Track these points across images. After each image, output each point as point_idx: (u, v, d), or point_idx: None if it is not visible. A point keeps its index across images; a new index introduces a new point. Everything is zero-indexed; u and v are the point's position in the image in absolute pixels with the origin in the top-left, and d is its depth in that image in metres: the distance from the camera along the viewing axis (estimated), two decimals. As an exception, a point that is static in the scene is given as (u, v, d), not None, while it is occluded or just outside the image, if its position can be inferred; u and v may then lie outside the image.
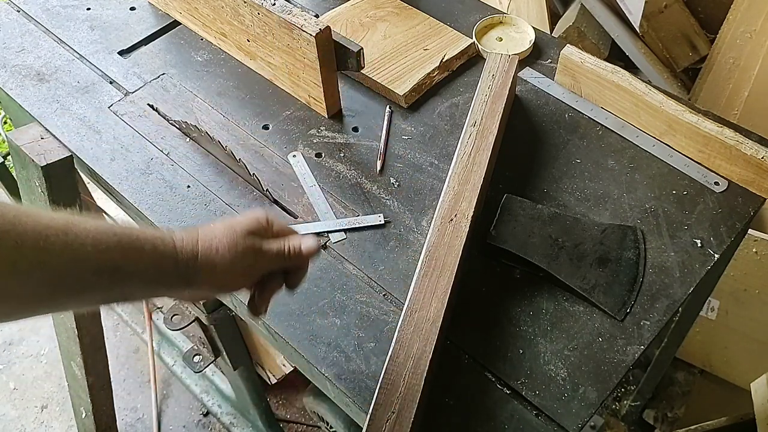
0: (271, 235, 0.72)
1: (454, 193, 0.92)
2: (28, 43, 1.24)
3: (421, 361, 0.77)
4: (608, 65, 1.06)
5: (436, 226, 0.88)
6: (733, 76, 1.62)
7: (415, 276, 0.84)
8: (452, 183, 0.93)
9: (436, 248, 0.86)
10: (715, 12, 1.70)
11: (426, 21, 1.23)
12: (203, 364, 1.46)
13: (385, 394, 0.75)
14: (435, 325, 0.79)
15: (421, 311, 0.81)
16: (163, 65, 1.20)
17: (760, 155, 0.94)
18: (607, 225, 0.94)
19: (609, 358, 0.83)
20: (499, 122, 0.99)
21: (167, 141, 1.08)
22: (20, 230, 0.55)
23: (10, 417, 1.89)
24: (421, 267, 0.85)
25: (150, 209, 1.00)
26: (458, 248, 0.86)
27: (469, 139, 0.98)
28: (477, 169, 0.94)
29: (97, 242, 0.59)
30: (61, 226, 0.58)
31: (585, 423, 0.79)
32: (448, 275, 0.83)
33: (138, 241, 0.63)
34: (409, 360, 0.77)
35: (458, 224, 0.88)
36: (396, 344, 0.79)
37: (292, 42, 1.03)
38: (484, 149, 0.96)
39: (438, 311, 0.80)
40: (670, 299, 0.88)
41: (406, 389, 0.75)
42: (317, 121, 1.11)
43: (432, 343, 0.78)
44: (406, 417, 0.73)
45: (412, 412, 0.73)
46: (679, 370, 1.73)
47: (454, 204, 0.90)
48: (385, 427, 0.73)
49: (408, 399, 0.74)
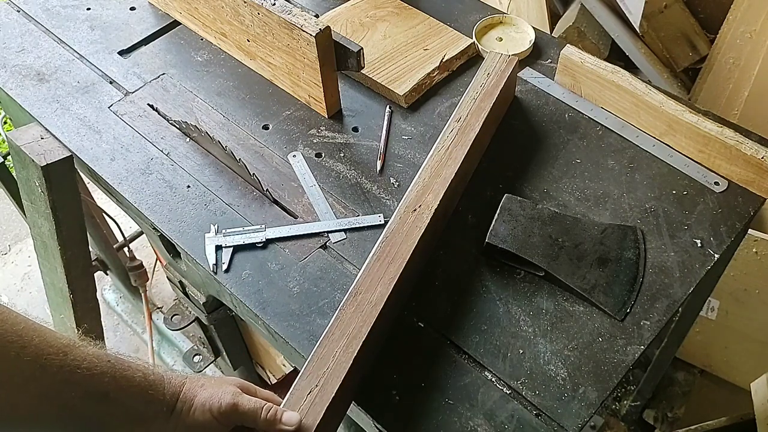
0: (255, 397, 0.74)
1: (423, 185, 0.92)
2: (28, 43, 1.24)
3: (354, 341, 0.78)
4: (608, 65, 1.06)
5: (398, 215, 0.89)
6: (733, 76, 1.62)
7: (367, 260, 0.85)
8: (423, 174, 0.94)
9: (393, 236, 0.87)
10: (715, 12, 1.70)
11: (426, 21, 1.23)
12: (203, 364, 1.47)
13: (314, 366, 0.77)
14: (376, 308, 0.81)
15: (365, 293, 0.82)
16: (163, 65, 1.20)
17: (760, 155, 0.94)
18: (607, 225, 0.94)
19: (609, 358, 0.83)
20: (485, 121, 0.99)
21: (167, 141, 1.08)
22: (24, 344, 0.59)
23: (10, 417, 1.89)
24: (375, 252, 0.86)
25: (150, 209, 1.00)
26: (415, 238, 0.86)
27: (450, 133, 0.98)
28: (451, 163, 0.94)
29: (92, 366, 0.63)
30: (62, 346, 0.62)
31: (585, 423, 0.79)
32: (399, 263, 0.84)
33: (130, 369, 0.66)
34: (344, 338, 0.78)
35: (420, 215, 0.89)
36: (334, 321, 0.80)
37: (292, 42, 1.03)
38: (463, 145, 0.96)
39: (382, 296, 0.81)
40: (670, 299, 0.88)
41: (335, 365, 0.76)
42: (317, 121, 1.11)
43: (369, 325, 0.79)
44: (328, 391, 0.74)
45: (335, 387, 0.75)
46: (679, 370, 1.73)
47: (420, 195, 0.91)
48: (306, 398, 0.74)
49: (334, 375, 0.76)
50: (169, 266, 1.19)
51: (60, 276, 1.23)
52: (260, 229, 0.96)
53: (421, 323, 0.88)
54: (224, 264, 0.93)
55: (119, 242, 1.66)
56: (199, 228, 0.97)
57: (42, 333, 0.61)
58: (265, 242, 0.95)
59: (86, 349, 0.63)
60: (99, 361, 0.63)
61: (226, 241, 0.95)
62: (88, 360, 0.62)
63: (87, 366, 0.62)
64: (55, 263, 1.23)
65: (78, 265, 1.23)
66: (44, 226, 1.18)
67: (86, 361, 0.62)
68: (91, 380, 0.62)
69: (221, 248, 0.94)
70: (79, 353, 0.62)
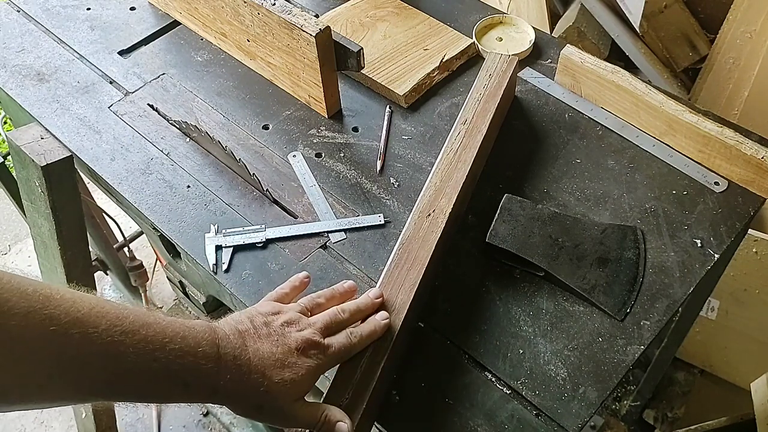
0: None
1: (435, 189, 0.92)
2: (28, 43, 1.24)
3: (381, 350, 0.77)
4: (608, 65, 1.06)
5: (413, 220, 0.89)
6: (733, 76, 1.62)
7: (386, 267, 0.85)
8: (434, 179, 0.93)
9: (410, 242, 0.87)
10: (715, 12, 1.70)
11: (426, 21, 1.23)
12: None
13: (341, 377, 0.76)
14: (399, 315, 0.80)
15: (387, 301, 0.82)
16: (163, 65, 1.20)
17: (760, 155, 0.94)
18: (607, 225, 0.94)
19: (609, 358, 0.83)
20: (491, 122, 0.99)
21: (167, 141, 1.08)
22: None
23: (10, 417, 1.89)
24: (393, 259, 0.85)
25: (150, 209, 1.00)
26: (432, 243, 0.86)
27: (458, 136, 0.98)
28: (461, 166, 0.94)
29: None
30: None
31: (585, 423, 0.79)
32: (418, 269, 0.84)
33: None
34: (369, 348, 0.77)
35: (435, 220, 0.89)
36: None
37: (292, 42, 1.03)
38: (471, 148, 0.96)
39: (404, 303, 0.81)
40: (670, 299, 0.88)
41: (362, 375, 0.76)
42: (317, 121, 1.11)
43: (394, 333, 0.79)
44: (359, 404, 0.73)
45: (365, 399, 0.74)
46: (679, 370, 1.73)
47: (433, 199, 0.91)
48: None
49: (362, 385, 0.75)
50: (169, 266, 1.19)
51: (60, 276, 1.23)
52: (260, 229, 0.96)
53: (420, 323, 0.88)
54: (224, 264, 0.93)
55: (119, 242, 1.66)
56: (199, 228, 0.97)
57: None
58: (265, 242, 0.95)
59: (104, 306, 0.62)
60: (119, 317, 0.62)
61: (226, 241, 0.95)
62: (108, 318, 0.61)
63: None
64: (55, 263, 1.23)
65: (78, 265, 1.23)
66: (44, 226, 1.18)
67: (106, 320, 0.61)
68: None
69: (221, 248, 0.94)
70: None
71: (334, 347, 0.72)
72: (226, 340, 0.67)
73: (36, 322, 0.56)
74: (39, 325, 0.56)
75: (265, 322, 0.71)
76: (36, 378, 0.57)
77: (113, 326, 0.60)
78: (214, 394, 0.65)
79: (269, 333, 0.70)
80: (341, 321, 0.75)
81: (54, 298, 0.57)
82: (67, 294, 0.59)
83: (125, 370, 0.60)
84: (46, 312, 0.56)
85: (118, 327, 0.60)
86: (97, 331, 0.59)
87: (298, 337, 0.71)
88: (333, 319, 0.75)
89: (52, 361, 0.57)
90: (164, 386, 0.63)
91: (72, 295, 0.60)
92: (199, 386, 0.64)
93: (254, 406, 0.68)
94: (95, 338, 0.58)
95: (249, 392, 0.67)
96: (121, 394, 0.63)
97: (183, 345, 0.63)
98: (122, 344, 0.60)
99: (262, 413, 0.68)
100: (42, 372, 0.57)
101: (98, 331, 0.59)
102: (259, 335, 0.70)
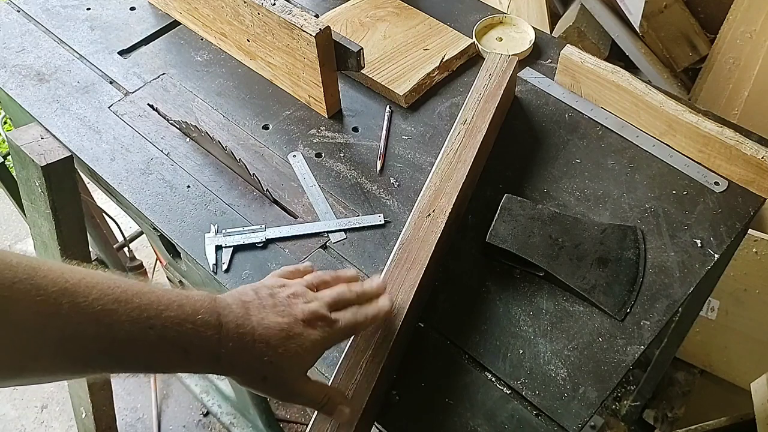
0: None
1: (435, 189, 0.92)
2: (28, 43, 1.24)
3: (381, 350, 0.77)
4: (608, 65, 1.06)
5: (413, 220, 0.89)
6: (733, 76, 1.62)
7: (386, 267, 0.85)
8: (434, 179, 0.93)
9: (410, 242, 0.87)
10: (715, 12, 1.70)
11: (426, 21, 1.23)
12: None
13: (342, 379, 0.76)
14: (399, 315, 0.80)
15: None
16: (163, 65, 1.20)
17: (760, 155, 0.94)
18: (607, 225, 0.94)
19: (609, 358, 0.83)
20: (491, 122, 0.99)
21: (167, 141, 1.08)
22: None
23: (10, 417, 1.89)
24: (393, 259, 0.85)
25: (150, 209, 1.00)
26: (432, 243, 0.86)
27: (458, 136, 0.98)
28: (461, 166, 0.94)
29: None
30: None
31: (585, 423, 0.79)
32: (418, 269, 0.84)
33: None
34: (369, 348, 0.77)
35: (435, 220, 0.89)
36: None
37: (292, 42, 1.03)
38: (471, 148, 0.96)
39: (404, 303, 0.81)
40: (670, 299, 0.88)
41: (362, 376, 0.75)
42: (317, 121, 1.11)
43: (394, 333, 0.79)
44: (358, 403, 0.73)
45: (365, 399, 0.74)
46: (679, 370, 1.73)
47: (433, 199, 0.91)
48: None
49: (362, 385, 0.75)
50: (169, 266, 1.20)
51: (60, 276, 1.23)
52: (260, 229, 0.96)
53: (420, 323, 0.88)
54: (224, 264, 0.93)
55: (119, 242, 1.66)
56: (199, 228, 0.97)
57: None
58: (265, 242, 0.95)
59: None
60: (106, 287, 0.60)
61: (226, 241, 0.95)
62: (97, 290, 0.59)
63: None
64: (55, 263, 1.23)
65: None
66: (44, 226, 1.18)
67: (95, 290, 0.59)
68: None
69: (221, 248, 0.94)
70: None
71: (341, 322, 0.71)
72: (228, 309, 0.65)
73: (22, 291, 0.54)
74: (25, 295, 0.54)
75: (271, 293, 0.70)
76: (29, 350, 0.55)
77: (105, 295, 0.58)
78: (216, 363, 0.64)
79: (275, 303, 0.68)
80: (348, 299, 0.74)
81: (41, 269, 0.56)
82: (55, 266, 0.58)
83: (120, 339, 0.59)
84: (33, 282, 0.54)
85: (110, 296, 0.58)
86: (87, 300, 0.57)
87: (305, 308, 0.69)
88: (341, 295, 0.73)
89: (43, 332, 0.55)
90: (163, 354, 0.62)
91: (60, 266, 0.58)
92: (200, 354, 0.63)
93: (258, 377, 0.66)
94: (86, 307, 0.57)
95: (253, 362, 0.65)
96: (120, 364, 0.61)
97: (180, 312, 0.62)
98: (115, 313, 0.58)
99: (266, 385, 0.67)
100: (33, 343, 0.55)
101: (88, 300, 0.57)
102: (263, 305, 0.68)
